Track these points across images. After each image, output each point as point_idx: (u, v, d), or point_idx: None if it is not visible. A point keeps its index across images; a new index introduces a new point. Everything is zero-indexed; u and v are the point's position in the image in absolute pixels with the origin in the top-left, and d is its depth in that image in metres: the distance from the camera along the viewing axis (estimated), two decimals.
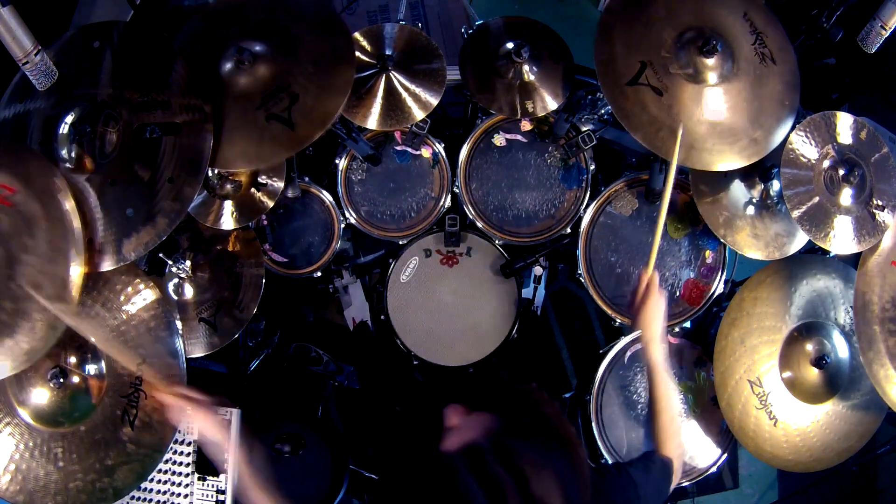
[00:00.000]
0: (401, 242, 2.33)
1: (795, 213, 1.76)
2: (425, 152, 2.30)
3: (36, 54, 1.55)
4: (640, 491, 1.32)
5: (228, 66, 1.77)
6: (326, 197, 2.28)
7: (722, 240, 1.99)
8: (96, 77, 1.69)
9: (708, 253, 2.23)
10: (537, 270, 2.32)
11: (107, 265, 1.62)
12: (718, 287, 2.21)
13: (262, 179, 2.04)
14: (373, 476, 2.34)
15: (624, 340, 2.22)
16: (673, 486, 1.44)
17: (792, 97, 1.86)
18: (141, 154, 1.64)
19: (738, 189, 2.01)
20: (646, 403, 2.20)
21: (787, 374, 1.96)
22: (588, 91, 2.18)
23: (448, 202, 2.29)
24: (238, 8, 1.88)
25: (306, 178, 2.26)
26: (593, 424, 2.16)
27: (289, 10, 1.85)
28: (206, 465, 2.00)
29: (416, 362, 2.31)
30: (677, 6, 1.85)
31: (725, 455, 2.17)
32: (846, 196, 1.81)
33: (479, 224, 2.29)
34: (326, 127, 1.77)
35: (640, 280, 1.65)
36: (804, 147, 1.80)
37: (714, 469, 2.16)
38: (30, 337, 1.47)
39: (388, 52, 2.09)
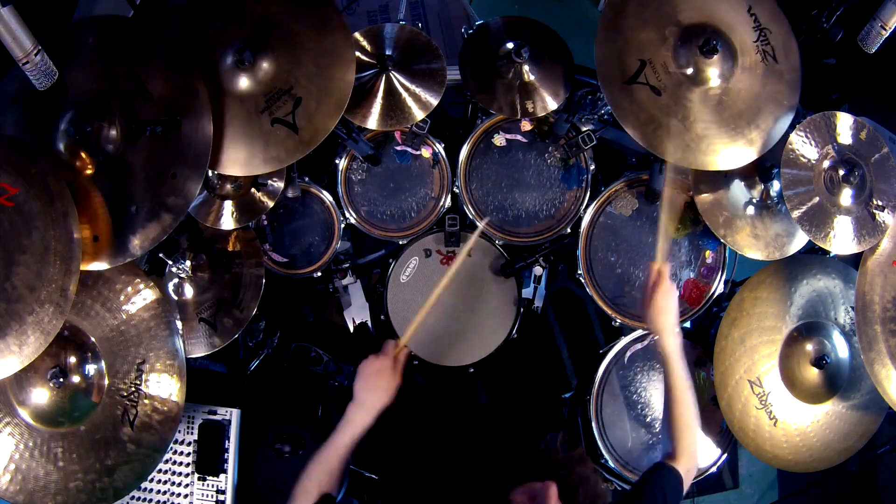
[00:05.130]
0: (401, 242, 2.33)
1: (795, 214, 1.76)
2: (425, 152, 2.30)
3: (36, 54, 1.55)
4: None
5: (229, 65, 1.77)
6: (326, 197, 2.28)
7: (722, 240, 1.99)
8: (96, 76, 1.69)
9: (708, 253, 2.23)
10: (537, 270, 2.32)
11: (111, 262, 1.62)
12: (718, 287, 2.21)
13: (262, 179, 2.04)
14: (373, 476, 2.34)
15: (624, 340, 2.22)
16: (685, 489, 1.50)
17: (791, 96, 1.86)
18: (142, 151, 1.64)
19: (738, 189, 2.01)
20: (646, 403, 2.21)
21: (786, 374, 1.96)
22: (588, 91, 2.18)
23: (448, 202, 2.29)
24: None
25: (306, 178, 2.25)
26: (593, 424, 2.16)
27: (289, 8, 1.85)
28: (206, 465, 2.01)
29: (415, 363, 2.31)
30: (679, 1, 1.83)
31: (725, 455, 2.17)
32: (846, 196, 1.81)
33: (480, 224, 2.29)
34: (331, 129, 1.77)
35: (650, 271, 1.71)
36: (804, 147, 1.79)
37: (714, 469, 2.16)
38: (21, 340, 1.45)
39: (388, 52, 2.09)
